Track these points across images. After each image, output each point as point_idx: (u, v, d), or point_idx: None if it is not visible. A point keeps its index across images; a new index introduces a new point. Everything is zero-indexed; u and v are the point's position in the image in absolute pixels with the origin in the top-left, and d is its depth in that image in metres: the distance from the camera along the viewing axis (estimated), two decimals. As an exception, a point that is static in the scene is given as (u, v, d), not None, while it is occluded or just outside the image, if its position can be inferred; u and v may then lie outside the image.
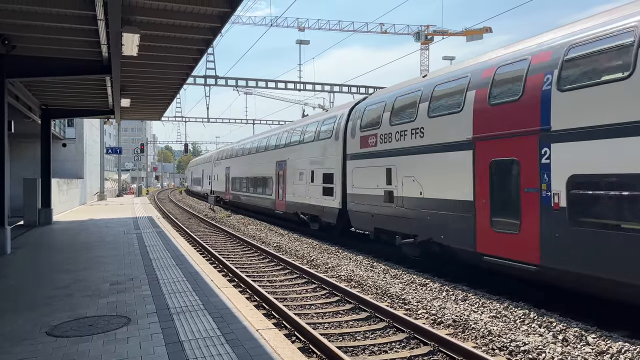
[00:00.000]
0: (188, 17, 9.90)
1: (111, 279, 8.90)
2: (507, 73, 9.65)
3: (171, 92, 17.53)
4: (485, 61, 10.57)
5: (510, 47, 10.18)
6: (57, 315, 6.64)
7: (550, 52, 8.69)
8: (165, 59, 12.71)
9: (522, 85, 9.08)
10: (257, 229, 22.49)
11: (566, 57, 8.30)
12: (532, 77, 8.86)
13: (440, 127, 11.27)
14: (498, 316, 8.24)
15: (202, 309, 6.92)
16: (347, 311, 9.10)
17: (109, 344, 5.50)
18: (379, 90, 18.62)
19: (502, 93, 9.61)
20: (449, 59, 51.94)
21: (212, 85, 36.53)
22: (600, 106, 7.57)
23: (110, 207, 30.38)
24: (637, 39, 7.19)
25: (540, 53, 8.94)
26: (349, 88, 38.94)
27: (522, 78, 9.09)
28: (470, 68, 10.88)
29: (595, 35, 7.92)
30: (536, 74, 8.80)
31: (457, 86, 10.99)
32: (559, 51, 8.49)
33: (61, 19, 9.91)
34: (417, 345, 7.21)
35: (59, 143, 28.03)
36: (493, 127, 9.69)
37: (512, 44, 10.32)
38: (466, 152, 10.34)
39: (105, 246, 13.06)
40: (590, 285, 7.90)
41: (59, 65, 12.74)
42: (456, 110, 10.74)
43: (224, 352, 5.25)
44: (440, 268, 11.81)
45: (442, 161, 11.17)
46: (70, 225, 18.71)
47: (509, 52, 9.95)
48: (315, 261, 13.80)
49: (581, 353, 6.51)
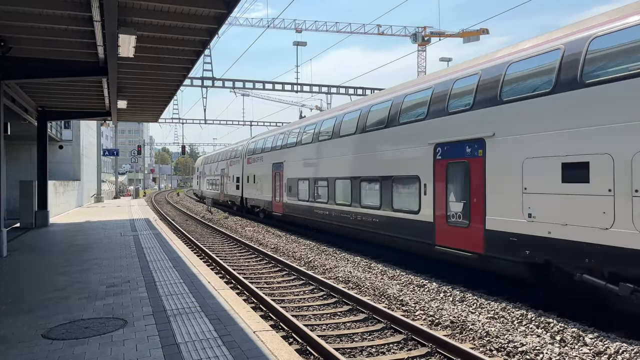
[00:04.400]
0: (184, 19, 9.88)
1: (107, 281, 8.86)
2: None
3: (168, 93, 17.49)
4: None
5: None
6: (53, 317, 6.61)
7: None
8: (162, 60, 12.68)
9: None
10: (254, 230, 22.44)
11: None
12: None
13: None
14: (496, 317, 8.23)
15: (199, 311, 6.89)
16: (344, 312, 9.08)
17: (104, 347, 5.47)
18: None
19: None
20: (446, 61, 52.11)
21: (209, 87, 36.56)
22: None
23: (107, 209, 30.30)
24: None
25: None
26: (346, 89, 38.98)
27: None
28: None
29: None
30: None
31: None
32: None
33: (57, 20, 9.88)
34: (415, 347, 7.19)
35: (55, 145, 27.94)
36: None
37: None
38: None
39: (102, 248, 13.01)
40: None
41: (55, 66, 12.70)
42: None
43: (220, 354, 5.22)
44: (438, 269, 11.81)
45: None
46: (67, 228, 18.64)
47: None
48: (313, 263, 13.77)
49: (579, 354, 6.51)
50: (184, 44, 11.44)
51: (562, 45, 8.61)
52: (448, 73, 11.93)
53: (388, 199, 13.54)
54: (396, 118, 13.38)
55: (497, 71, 9.91)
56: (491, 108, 9.86)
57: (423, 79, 13.59)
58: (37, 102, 18.56)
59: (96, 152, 39.83)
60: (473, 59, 11.55)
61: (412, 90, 13.12)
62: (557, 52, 8.66)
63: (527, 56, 9.37)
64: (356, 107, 16.41)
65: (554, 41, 8.94)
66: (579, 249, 7.84)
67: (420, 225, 11.91)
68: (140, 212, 27.60)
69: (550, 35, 9.29)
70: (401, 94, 13.53)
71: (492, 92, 9.88)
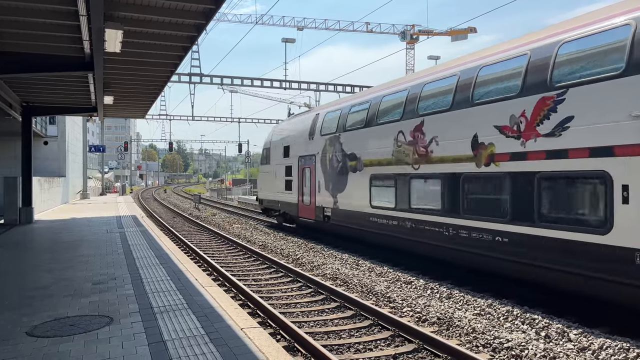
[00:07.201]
0: (172, 14, 9.80)
1: (93, 279, 8.77)
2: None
3: (155, 89, 17.35)
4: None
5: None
6: (38, 315, 6.53)
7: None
8: (149, 56, 12.57)
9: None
10: (242, 227, 22.38)
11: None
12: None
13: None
14: (482, 313, 8.31)
15: (186, 308, 6.86)
16: (332, 309, 9.09)
17: (90, 344, 5.42)
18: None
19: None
20: (434, 59, 52.29)
21: (197, 83, 36.24)
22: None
23: (93, 205, 30.01)
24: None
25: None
26: (334, 87, 38.90)
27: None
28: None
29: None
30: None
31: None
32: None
33: (42, 14, 9.74)
34: (402, 343, 7.23)
35: (40, 141, 27.60)
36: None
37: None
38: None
39: (88, 245, 12.88)
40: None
41: (40, 61, 12.52)
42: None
43: (207, 352, 5.20)
44: (425, 266, 11.87)
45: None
46: (52, 224, 18.43)
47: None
48: (301, 260, 13.77)
49: (563, 349, 6.59)
50: (171, 39, 11.35)
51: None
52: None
53: (538, 206, 8.70)
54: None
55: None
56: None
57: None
58: (21, 97, 18.30)
59: (82, 148, 39.42)
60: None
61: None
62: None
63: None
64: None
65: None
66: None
67: (611, 253, 7.41)
68: (127, 209, 27.38)
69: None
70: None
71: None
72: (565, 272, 8.14)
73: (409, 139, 12.21)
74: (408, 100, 12.51)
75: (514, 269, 9.23)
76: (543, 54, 8.83)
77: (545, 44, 8.91)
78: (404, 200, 12.43)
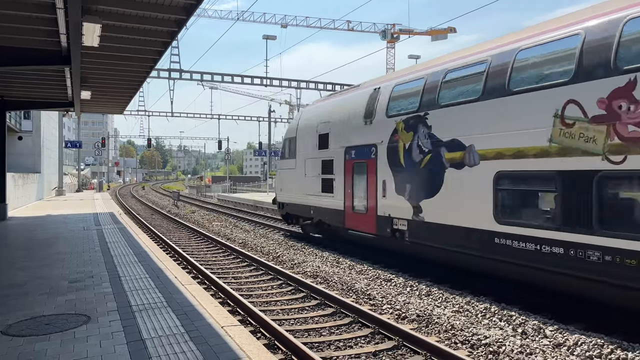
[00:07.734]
0: (152, 8, 9.65)
1: (70, 277, 8.62)
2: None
3: (134, 85, 17.09)
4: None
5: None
6: (13, 314, 6.39)
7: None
8: (128, 51, 12.36)
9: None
10: (222, 225, 22.24)
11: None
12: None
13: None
14: (460, 311, 8.41)
15: (166, 306, 6.79)
16: (313, 307, 9.10)
17: (67, 343, 5.33)
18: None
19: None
20: (414, 58, 52.68)
21: (177, 79, 35.82)
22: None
23: (69, 202, 29.48)
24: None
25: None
26: (315, 84, 38.89)
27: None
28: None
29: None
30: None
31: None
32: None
33: (17, 6, 9.49)
34: (382, 340, 7.28)
35: (14, 136, 27.00)
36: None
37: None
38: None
39: (64, 243, 12.65)
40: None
41: (14, 54, 12.21)
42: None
43: (187, 350, 5.16)
44: (405, 264, 11.96)
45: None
46: (27, 221, 18.05)
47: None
48: (281, 258, 13.75)
49: (539, 345, 6.71)
50: (151, 34, 11.18)
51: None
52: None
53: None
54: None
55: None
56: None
57: None
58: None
59: (58, 143, 38.68)
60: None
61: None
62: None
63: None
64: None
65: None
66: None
67: None
68: (104, 205, 26.96)
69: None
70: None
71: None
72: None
73: (598, 113, 7.45)
74: (586, 48, 7.77)
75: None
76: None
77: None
78: (582, 214, 7.63)
